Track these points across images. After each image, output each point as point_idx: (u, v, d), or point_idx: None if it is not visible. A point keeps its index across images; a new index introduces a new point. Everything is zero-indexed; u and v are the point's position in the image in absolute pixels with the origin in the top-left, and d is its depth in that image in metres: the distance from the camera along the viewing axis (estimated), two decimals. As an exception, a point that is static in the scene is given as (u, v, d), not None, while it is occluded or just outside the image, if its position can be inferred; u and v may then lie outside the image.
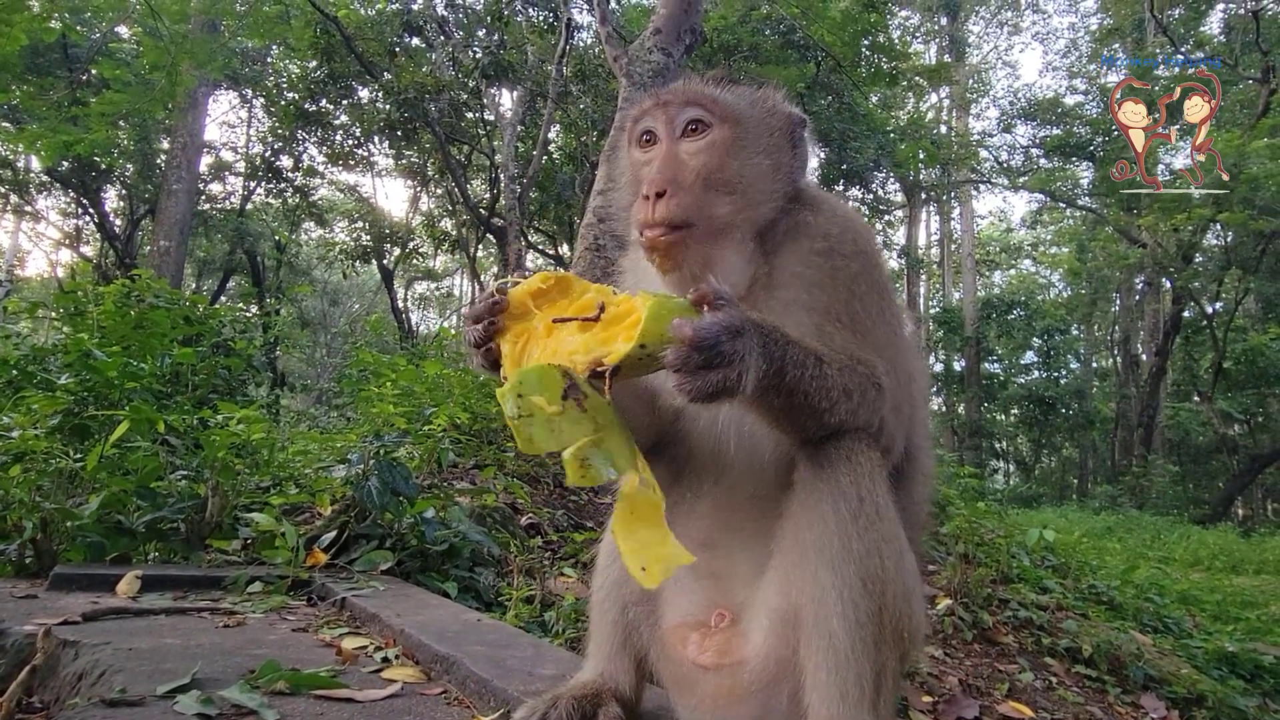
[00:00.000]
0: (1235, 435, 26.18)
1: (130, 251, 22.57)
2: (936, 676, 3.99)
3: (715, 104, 1.63)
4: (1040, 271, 43.61)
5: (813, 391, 1.33)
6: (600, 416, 1.22)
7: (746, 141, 1.62)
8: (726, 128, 1.61)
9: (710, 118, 1.62)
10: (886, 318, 1.57)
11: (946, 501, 7.26)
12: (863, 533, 1.37)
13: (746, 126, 1.63)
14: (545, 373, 1.22)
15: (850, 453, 1.41)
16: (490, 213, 21.54)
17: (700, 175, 1.57)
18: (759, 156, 1.62)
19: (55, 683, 2.05)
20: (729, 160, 1.59)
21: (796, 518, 1.43)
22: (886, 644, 1.37)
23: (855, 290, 1.53)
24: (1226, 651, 5.61)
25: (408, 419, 5.17)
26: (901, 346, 1.59)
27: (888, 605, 1.37)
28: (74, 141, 13.99)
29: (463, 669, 2.02)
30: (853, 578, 1.35)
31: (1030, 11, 36.74)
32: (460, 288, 38.30)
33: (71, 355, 4.89)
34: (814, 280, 1.53)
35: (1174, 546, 14.76)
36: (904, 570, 1.42)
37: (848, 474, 1.39)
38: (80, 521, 3.32)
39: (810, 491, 1.41)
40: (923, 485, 1.72)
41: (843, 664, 1.34)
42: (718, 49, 17.93)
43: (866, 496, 1.39)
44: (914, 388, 1.65)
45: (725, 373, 1.18)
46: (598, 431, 1.21)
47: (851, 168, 21.49)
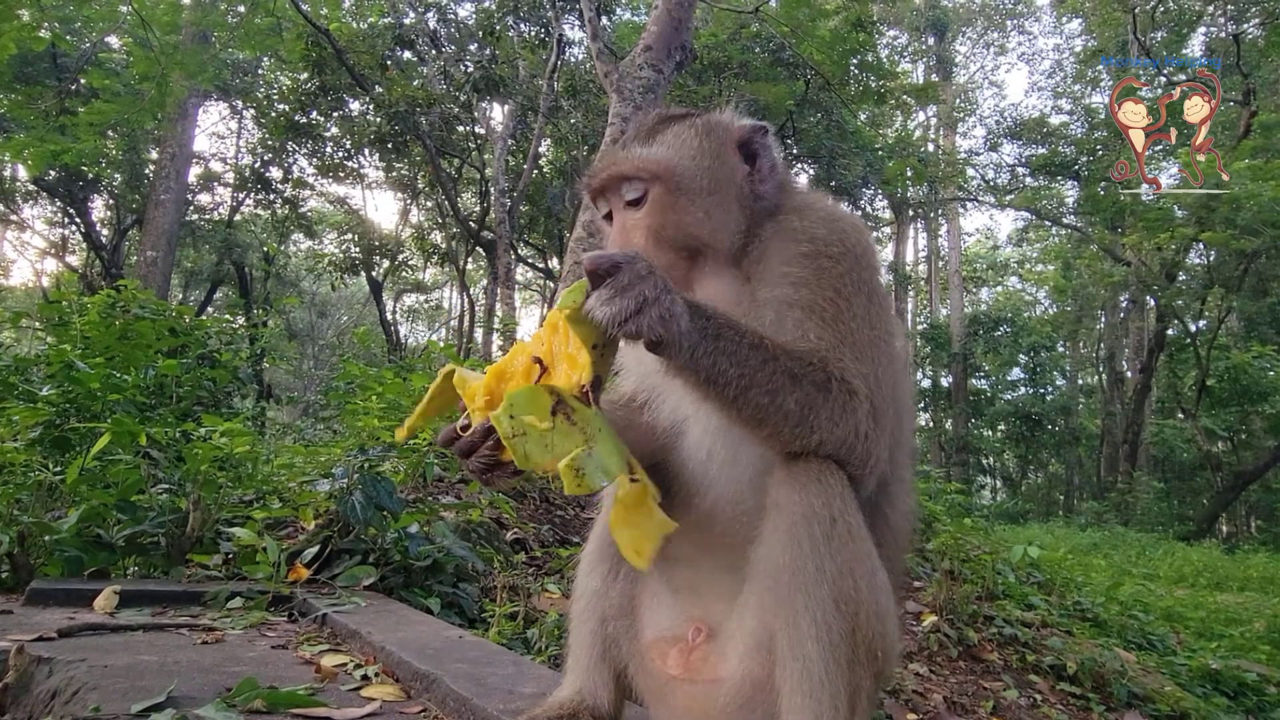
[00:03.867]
0: (1219, 452, 26.36)
1: (117, 261, 22.40)
2: (921, 694, 3.99)
3: (644, 166, 1.63)
4: (1026, 289, 43.99)
5: (754, 362, 1.33)
6: (588, 427, 1.26)
7: (687, 186, 1.62)
8: (660, 185, 1.61)
9: (644, 182, 1.62)
10: (872, 322, 1.53)
11: (933, 517, 7.29)
12: (835, 554, 1.36)
13: (682, 172, 1.63)
14: (533, 392, 1.27)
15: (821, 473, 1.40)
16: (480, 226, 21.55)
17: (648, 237, 1.59)
18: (704, 195, 1.62)
19: (28, 700, 2.02)
20: (670, 215, 1.60)
21: (769, 541, 1.42)
22: (860, 664, 1.37)
23: (841, 291, 1.50)
24: (1210, 669, 5.64)
25: (393, 433, 5.15)
26: (886, 354, 1.55)
27: (861, 625, 1.36)
28: (62, 151, 13.90)
29: (443, 687, 2.00)
30: (825, 599, 1.34)
31: (1016, 33, 37.34)
32: (450, 300, 38.23)
33: (54, 366, 4.84)
34: (797, 279, 1.51)
35: (1159, 563, 14.82)
36: (877, 589, 1.41)
37: (819, 495, 1.38)
38: (58, 535, 3.27)
39: (782, 514, 1.41)
40: (906, 499, 1.69)
41: (817, 686, 1.33)
42: (708, 66, 18.09)
43: (838, 516, 1.38)
44: (899, 397, 1.61)
45: (641, 289, 1.22)
46: (588, 442, 1.26)
47: (840, 184, 21.67)
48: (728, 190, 1.65)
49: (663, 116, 1.75)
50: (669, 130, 1.69)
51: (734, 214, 1.64)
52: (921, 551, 6.21)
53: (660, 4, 9.27)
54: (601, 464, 1.26)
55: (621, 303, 1.21)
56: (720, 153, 1.67)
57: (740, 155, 1.68)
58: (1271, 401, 22.54)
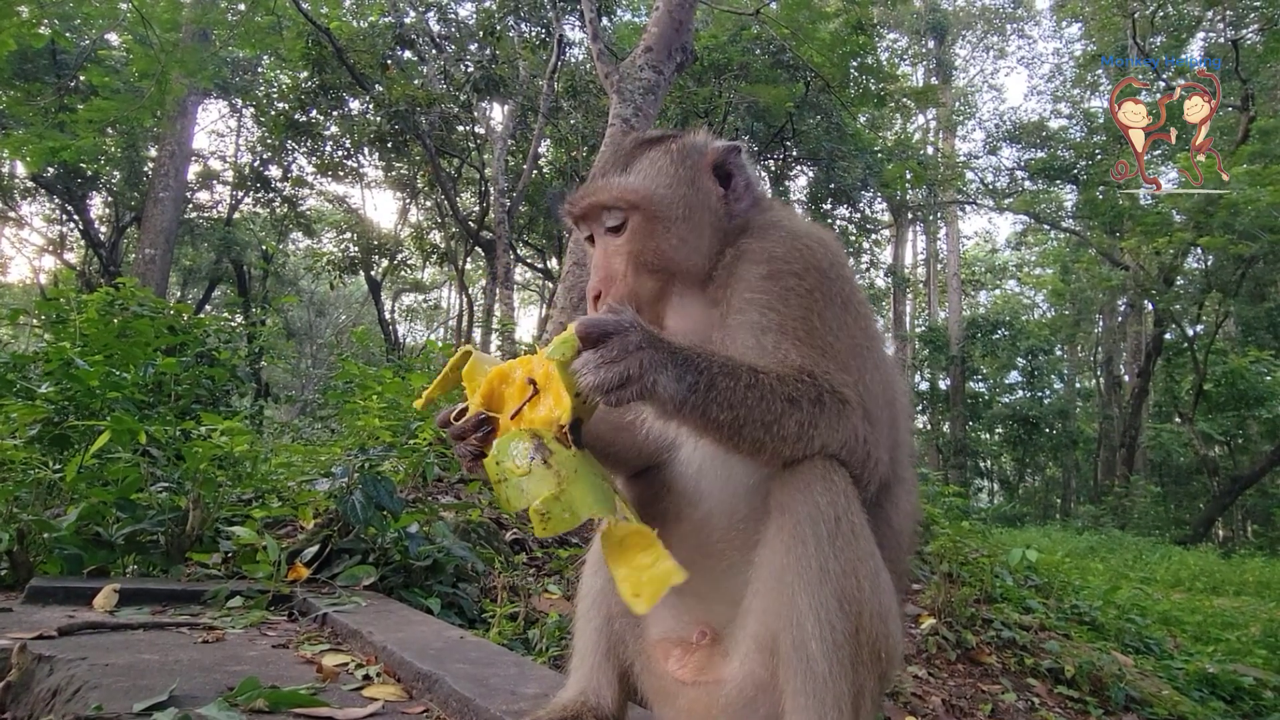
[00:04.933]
0: (1216, 457, 26.41)
1: (115, 259, 22.37)
2: (920, 696, 3.99)
3: (622, 196, 1.66)
4: (1025, 292, 44.04)
5: (750, 401, 1.35)
6: (564, 469, 1.31)
7: (664, 214, 1.65)
8: (639, 214, 1.64)
9: (623, 210, 1.66)
10: (852, 331, 1.54)
11: (931, 520, 7.29)
12: (839, 553, 1.36)
13: (659, 201, 1.65)
14: (517, 438, 1.35)
15: (825, 472, 1.41)
16: (479, 226, 21.53)
17: (629, 263, 1.63)
18: (680, 222, 1.65)
19: (29, 699, 2.01)
20: (649, 241, 1.64)
21: (772, 543, 1.42)
22: (864, 665, 1.37)
23: (812, 307, 1.52)
24: (1207, 673, 5.65)
25: (393, 432, 5.14)
26: (871, 360, 1.56)
27: (864, 626, 1.37)
28: (61, 148, 13.87)
29: (444, 687, 2.00)
30: (829, 599, 1.35)
31: (1016, 37, 37.43)
32: (448, 300, 38.20)
33: (53, 364, 4.83)
34: (765, 303, 1.53)
35: (1155, 567, 14.84)
36: (880, 589, 1.41)
37: (824, 494, 1.39)
38: (58, 533, 3.26)
39: (786, 515, 1.41)
40: (908, 500, 1.70)
41: (820, 687, 1.33)
42: (708, 67, 18.09)
43: (842, 516, 1.38)
44: (894, 399, 1.63)
45: (627, 364, 1.26)
46: (561, 484, 1.30)
47: (839, 187, 21.70)
48: (703, 215, 1.68)
49: (639, 141, 1.78)
50: (645, 157, 1.71)
51: (708, 237, 1.67)
52: (920, 554, 6.22)
53: (661, 5, 9.27)
54: (571, 506, 1.30)
55: (607, 374, 1.26)
56: (695, 178, 1.70)
57: (715, 177, 1.71)
58: (1268, 406, 22.57)
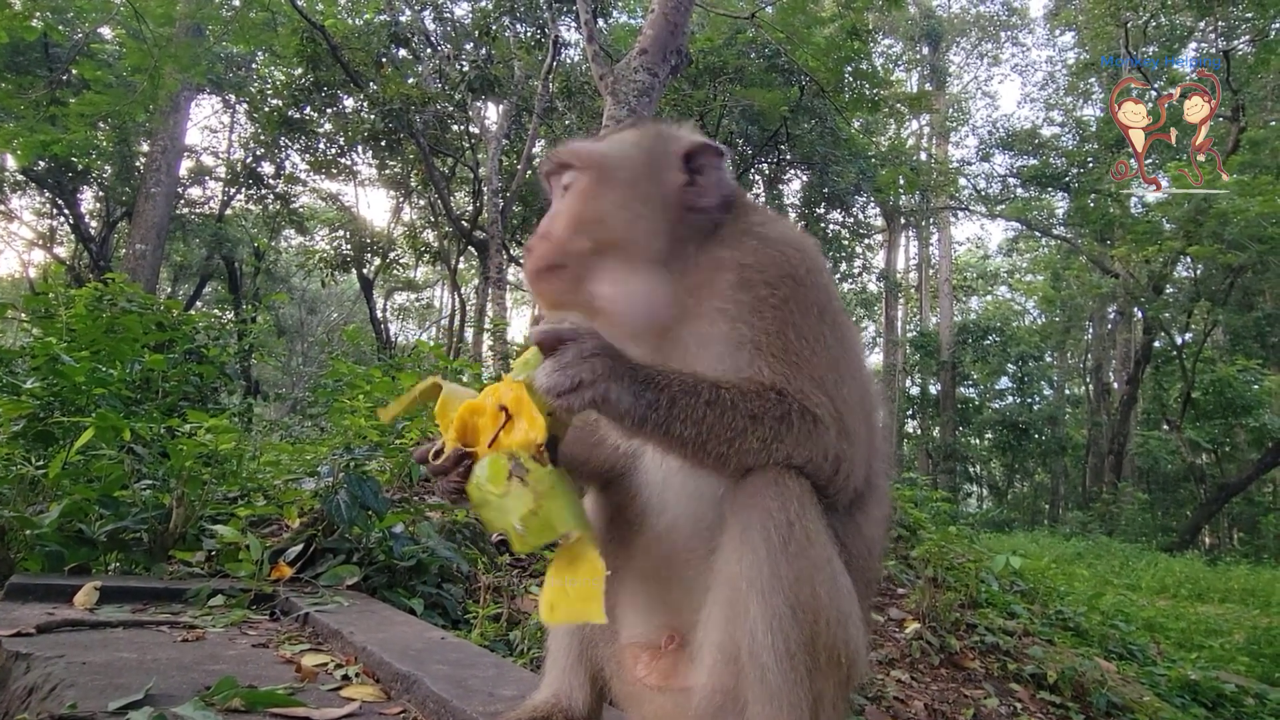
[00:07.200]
0: (1203, 464, 26.59)
1: (105, 254, 22.23)
2: (903, 700, 4.01)
3: (577, 155, 1.67)
4: (1016, 298, 44.22)
5: (710, 419, 1.36)
6: (540, 485, 1.36)
7: (612, 180, 1.63)
8: (587, 174, 1.64)
9: (576, 170, 1.66)
10: (828, 343, 1.51)
11: (918, 525, 7.31)
12: (792, 559, 1.35)
13: (611, 167, 1.65)
14: (495, 462, 1.40)
15: (777, 478, 1.40)
16: (472, 225, 21.50)
17: (568, 220, 1.61)
18: (624, 188, 1.63)
19: (5, 697, 2.00)
20: (590, 203, 1.62)
21: (725, 551, 1.42)
22: (822, 671, 1.36)
23: (787, 319, 1.48)
24: (1189, 680, 5.69)
25: (380, 432, 5.14)
26: (849, 370, 1.53)
27: (822, 632, 1.36)
28: (52, 141, 13.81)
29: (423, 688, 2.00)
30: (781, 606, 1.34)
31: (1010, 44, 37.57)
32: (440, 299, 38.14)
33: (39, 359, 4.81)
34: (735, 315, 1.50)
35: (1141, 573, 14.92)
36: (839, 594, 1.40)
37: (775, 500, 1.38)
38: (39, 530, 3.24)
39: (737, 521, 1.40)
40: (879, 507, 1.67)
41: (775, 694, 1.33)
42: (703, 70, 18.11)
43: (795, 521, 1.37)
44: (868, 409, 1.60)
45: (580, 369, 1.30)
46: (538, 500, 1.35)
47: (833, 191, 21.75)
48: (652, 190, 1.63)
49: (634, 121, 1.80)
50: (623, 130, 1.75)
51: (658, 219, 1.61)
52: (906, 559, 6.24)
53: (656, 7, 9.28)
54: (549, 520, 1.35)
55: (560, 378, 1.30)
56: (657, 156, 1.67)
57: (684, 166, 1.66)
58: (1255, 415, 22.76)
